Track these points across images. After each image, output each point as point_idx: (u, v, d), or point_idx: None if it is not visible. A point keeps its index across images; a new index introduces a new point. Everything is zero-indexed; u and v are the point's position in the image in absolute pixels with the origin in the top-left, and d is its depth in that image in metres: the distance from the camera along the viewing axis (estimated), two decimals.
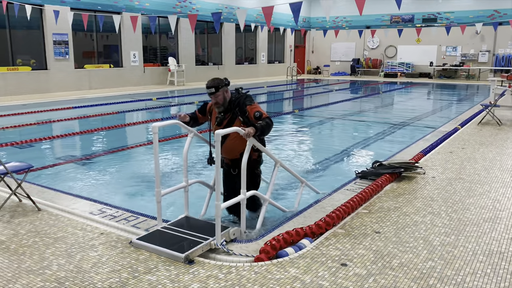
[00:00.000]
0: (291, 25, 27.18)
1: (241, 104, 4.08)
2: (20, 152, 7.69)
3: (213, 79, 4.11)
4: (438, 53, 27.13)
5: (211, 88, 4.02)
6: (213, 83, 4.05)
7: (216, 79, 4.10)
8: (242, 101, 4.09)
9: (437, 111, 14.17)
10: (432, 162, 6.37)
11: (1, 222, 4.14)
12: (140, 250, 3.52)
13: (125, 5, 17.99)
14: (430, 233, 3.85)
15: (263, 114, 4.01)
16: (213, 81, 4.07)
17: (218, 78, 4.12)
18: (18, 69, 14.99)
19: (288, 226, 3.98)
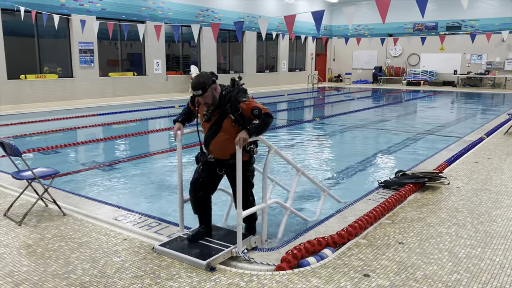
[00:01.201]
0: (312, 33, 27.18)
1: (233, 100, 3.54)
2: (46, 158, 7.87)
3: (198, 77, 3.53)
4: (462, 61, 26.68)
5: (198, 91, 3.48)
6: (199, 83, 3.48)
7: (201, 76, 3.52)
8: (234, 97, 3.54)
9: (461, 120, 13.91)
10: (456, 172, 6.25)
11: (28, 226, 4.24)
12: (162, 257, 3.56)
13: (149, 14, 18.32)
14: (455, 245, 3.77)
15: (262, 110, 3.56)
16: (199, 80, 3.49)
17: (204, 74, 3.55)
18: (45, 76, 15.39)
19: (310, 236, 3.95)
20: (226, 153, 3.69)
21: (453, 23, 26.50)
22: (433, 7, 25.92)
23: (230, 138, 3.56)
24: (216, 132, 3.64)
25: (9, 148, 4.44)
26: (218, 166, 3.79)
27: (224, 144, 3.64)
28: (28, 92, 14.79)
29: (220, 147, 3.67)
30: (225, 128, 3.60)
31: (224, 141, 3.63)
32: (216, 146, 3.69)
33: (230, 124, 3.57)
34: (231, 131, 3.57)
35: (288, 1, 26.19)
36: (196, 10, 20.46)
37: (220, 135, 3.63)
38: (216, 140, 3.66)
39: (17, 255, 3.62)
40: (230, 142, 3.56)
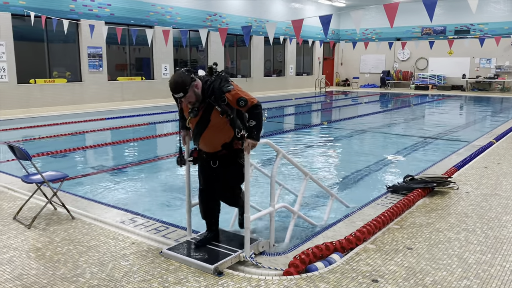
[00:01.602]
0: (320, 37, 27.17)
1: (217, 90, 3.36)
2: (55, 162, 7.93)
3: (175, 77, 3.32)
4: (471, 65, 26.52)
5: (179, 93, 3.31)
6: (179, 85, 3.29)
7: (179, 77, 3.31)
8: (218, 87, 3.37)
9: (470, 124, 13.82)
10: (465, 177, 6.20)
11: (37, 229, 4.27)
12: (170, 261, 3.56)
13: (157, 19, 18.43)
14: (464, 250, 3.73)
15: (249, 101, 3.39)
16: (177, 81, 3.30)
17: (181, 74, 3.34)
18: (55, 81, 15.52)
19: (318, 240, 3.94)
20: (217, 145, 3.57)
21: (461, 27, 26.38)
22: (441, 11, 25.82)
23: (221, 129, 3.50)
24: (205, 126, 3.50)
25: (19, 152, 4.48)
26: (211, 160, 3.66)
27: (215, 137, 3.54)
28: (37, 96, 14.93)
29: (211, 140, 3.55)
30: (214, 120, 3.47)
31: (215, 133, 3.52)
32: (206, 140, 3.56)
33: (218, 116, 3.44)
34: (220, 122, 3.47)
35: (296, 5, 26.23)
36: (204, 15, 20.56)
37: (210, 128, 3.50)
38: (206, 133, 3.53)
39: (26, 258, 3.64)
40: (221, 133, 3.52)
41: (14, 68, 14.21)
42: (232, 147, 3.58)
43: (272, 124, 13.33)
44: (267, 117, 14.44)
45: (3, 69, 13.93)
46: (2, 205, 4.99)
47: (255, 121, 3.45)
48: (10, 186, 5.68)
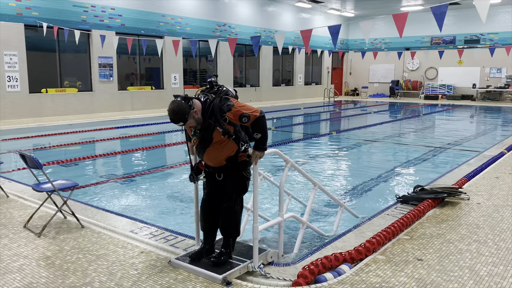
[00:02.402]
0: (328, 47, 27.22)
1: (217, 111, 3.33)
2: (65, 170, 8.00)
3: (173, 108, 3.24)
4: (481, 75, 26.35)
5: (179, 123, 3.29)
6: (178, 115, 3.25)
7: (177, 107, 3.24)
8: (218, 107, 3.33)
9: (481, 134, 13.69)
10: (476, 187, 6.13)
11: (47, 238, 4.29)
12: (178, 270, 3.56)
13: (167, 29, 18.62)
14: (476, 262, 3.68)
15: (251, 116, 3.37)
16: (176, 112, 3.24)
17: (178, 103, 3.25)
18: (66, 90, 15.70)
19: (327, 251, 3.91)
20: (222, 160, 3.54)
21: (471, 36, 26.28)
22: (451, 21, 25.76)
23: (224, 146, 3.47)
24: (208, 144, 3.49)
25: (30, 161, 4.53)
26: (216, 173, 3.64)
27: (219, 153, 3.50)
28: (48, 106, 15.11)
29: (215, 156, 3.52)
30: (216, 139, 3.45)
31: (218, 150, 3.49)
32: (210, 156, 3.54)
33: (220, 136, 3.42)
34: (223, 139, 3.45)
35: (305, 15, 26.35)
36: (213, 25, 20.72)
37: (213, 146, 3.48)
38: (210, 150, 3.50)
39: (36, 266, 3.66)
40: (224, 149, 3.48)
41: (26, 78, 14.41)
42: (236, 160, 3.54)
43: (280, 133, 13.34)
44: (276, 127, 14.45)
45: (15, 78, 14.14)
46: (13, 213, 5.03)
47: (261, 133, 3.47)
48: (21, 195, 5.74)
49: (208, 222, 3.72)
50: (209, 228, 3.74)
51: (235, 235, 3.67)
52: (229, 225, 3.63)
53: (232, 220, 3.63)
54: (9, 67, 13.98)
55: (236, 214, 3.67)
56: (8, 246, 4.10)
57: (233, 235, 3.66)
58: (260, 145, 3.50)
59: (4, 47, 13.80)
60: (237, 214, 3.68)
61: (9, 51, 13.93)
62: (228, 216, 3.62)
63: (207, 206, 3.73)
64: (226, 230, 3.64)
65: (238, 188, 3.63)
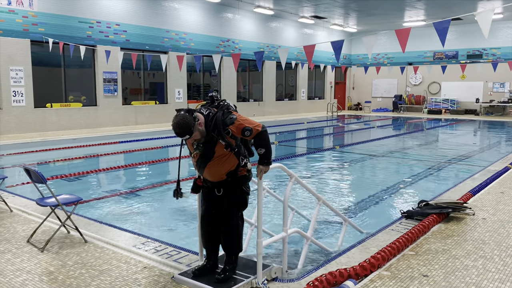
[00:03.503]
0: (331, 62, 27.38)
1: (220, 124, 3.33)
2: (69, 185, 8.01)
3: (178, 121, 3.22)
4: (484, 90, 26.39)
5: (185, 136, 3.27)
6: (184, 128, 3.23)
7: (183, 119, 3.22)
8: (221, 121, 3.33)
9: (485, 149, 13.65)
10: (481, 202, 6.09)
11: (50, 253, 4.28)
12: (181, 286, 3.53)
13: (171, 45, 18.80)
14: (482, 278, 3.64)
15: (254, 130, 3.36)
16: (181, 125, 3.22)
17: (183, 116, 3.24)
18: (70, 105, 15.81)
19: (331, 267, 3.88)
20: (222, 174, 3.50)
21: (473, 51, 26.39)
22: (453, 36, 25.91)
23: (225, 160, 3.45)
24: (209, 158, 3.44)
25: (35, 175, 4.54)
26: (216, 188, 3.58)
27: (220, 167, 3.47)
28: (53, 120, 15.20)
29: (216, 171, 3.49)
30: (218, 152, 3.42)
31: (219, 164, 3.46)
32: (211, 170, 3.50)
33: (222, 148, 3.39)
34: (225, 153, 3.43)
35: (307, 31, 26.56)
36: (217, 41, 20.91)
37: (214, 160, 3.44)
38: (211, 164, 3.47)
39: (39, 281, 3.64)
40: (225, 163, 3.46)
41: (32, 93, 14.54)
42: (237, 174, 3.51)
43: (284, 148, 13.34)
44: (279, 141, 14.46)
45: (21, 93, 14.26)
46: (16, 228, 5.03)
47: (264, 148, 3.45)
48: (24, 209, 5.74)
49: (209, 239, 3.69)
50: (211, 244, 3.70)
51: (237, 251, 3.64)
52: (231, 241, 3.59)
53: (234, 236, 3.60)
54: (15, 82, 14.12)
55: (238, 230, 3.62)
56: (11, 261, 4.08)
57: (236, 251, 3.63)
58: (265, 160, 3.49)
59: (10, 62, 13.95)
60: (239, 230, 3.64)
61: (15, 66, 14.08)
62: (229, 232, 3.59)
63: (206, 222, 3.70)
64: (228, 247, 3.61)
65: (238, 203, 3.60)
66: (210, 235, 3.68)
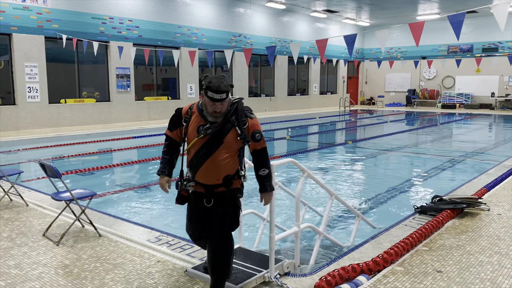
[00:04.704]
0: (344, 56, 27.20)
1: (240, 111, 3.09)
2: (83, 179, 8.10)
3: (220, 79, 2.96)
4: (500, 83, 25.97)
5: (223, 94, 2.93)
6: (225, 86, 2.94)
7: (224, 79, 2.97)
8: (241, 109, 3.10)
9: (500, 144, 13.45)
10: (497, 198, 6.01)
11: (65, 246, 4.34)
12: (195, 280, 3.55)
13: (183, 40, 18.84)
14: (497, 274, 3.60)
15: (262, 140, 3.17)
16: (223, 83, 2.93)
17: (223, 77, 3.01)
18: (84, 101, 15.97)
19: (344, 262, 3.87)
20: (220, 176, 3.11)
21: (489, 44, 25.97)
22: (469, 29, 25.52)
23: (230, 156, 3.10)
24: (215, 148, 3.06)
25: (50, 170, 4.60)
26: (205, 198, 3.16)
27: (222, 162, 3.08)
28: (67, 116, 15.38)
29: (217, 167, 3.09)
30: (227, 143, 3.07)
31: (223, 158, 3.08)
32: (211, 165, 3.08)
33: (234, 139, 3.07)
34: (232, 147, 3.10)
35: (320, 25, 26.40)
36: (229, 36, 20.90)
37: (219, 152, 3.06)
38: (214, 157, 3.06)
39: (54, 274, 3.70)
40: (228, 160, 3.10)
41: (46, 89, 14.72)
42: (231, 183, 3.15)
43: (296, 143, 13.31)
44: (291, 136, 14.43)
45: (35, 89, 14.45)
46: (32, 222, 5.11)
47: (268, 169, 3.20)
48: (40, 203, 5.82)
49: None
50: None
51: (229, 276, 3.23)
52: (224, 265, 3.14)
53: (228, 260, 3.16)
54: (30, 78, 14.30)
55: (232, 253, 3.21)
56: (27, 254, 4.15)
57: (228, 276, 3.22)
58: (269, 184, 3.21)
59: (25, 58, 14.13)
60: (232, 253, 3.22)
61: (30, 63, 14.26)
62: (223, 257, 3.13)
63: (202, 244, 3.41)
64: (221, 272, 3.14)
65: (230, 220, 3.19)
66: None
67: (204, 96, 3.00)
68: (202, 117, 3.10)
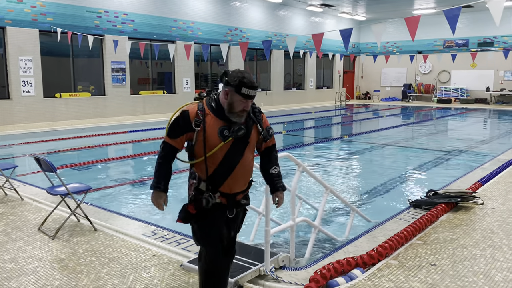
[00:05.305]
0: (340, 50, 27.17)
1: (255, 107, 2.82)
2: (78, 174, 8.08)
3: (247, 73, 2.67)
4: (495, 78, 26.05)
5: (256, 90, 2.67)
6: (255, 83, 2.67)
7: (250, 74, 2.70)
8: (254, 104, 2.82)
9: (495, 138, 13.52)
10: (491, 192, 6.05)
11: (61, 240, 4.34)
12: (190, 273, 3.57)
13: (179, 34, 18.76)
14: (491, 267, 3.63)
15: (273, 137, 2.97)
16: (253, 78, 2.68)
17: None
18: (79, 95, 15.89)
19: (339, 255, 3.89)
20: (247, 181, 2.85)
21: (484, 39, 26.01)
22: (464, 24, 25.54)
23: (252, 157, 2.84)
24: (242, 152, 2.74)
25: (45, 164, 4.59)
26: (232, 207, 2.81)
27: (249, 166, 2.82)
28: (62, 110, 15.30)
29: (246, 172, 2.80)
30: (251, 142, 2.81)
31: (249, 161, 2.81)
32: (242, 171, 2.76)
33: (256, 137, 2.82)
34: (254, 146, 2.86)
35: (316, 19, 26.34)
36: (224, 30, 20.82)
37: (246, 155, 2.77)
38: (242, 162, 2.75)
39: (50, 269, 3.70)
40: (252, 162, 2.85)
41: (41, 83, 14.62)
42: (249, 188, 2.92)
43: (292, 137, 13.32)
44: (287, 131, 14.44)
45: (30, 83, 14.36)
46: (27, 216, 5.10)
47: (278, 167, 2.97)
48: (35, 198, 5.81)
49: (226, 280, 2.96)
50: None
51: None
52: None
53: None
54: (24, 72, 14.20)
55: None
56: (23, 248, 4.15)
57: None
58: (281, 182, 2.96)
59: (19, 52, 14.02)
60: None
61: (24, 56, 14.15)
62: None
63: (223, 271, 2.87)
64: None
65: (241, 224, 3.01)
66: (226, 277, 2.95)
67: (234, 94, 2.61)
68: (221, 118, 2.68)
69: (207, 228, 2.77)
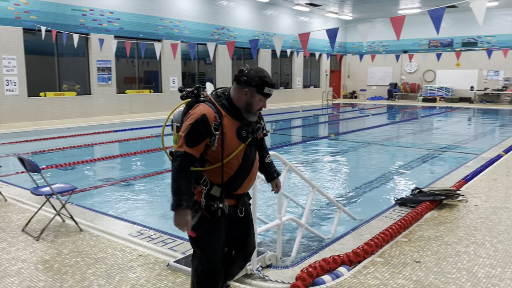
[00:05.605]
0: (326, 50, 27.29)
1: None
2: (64, 174, 7.99)
3: (265, 71, 2.65)
4: (479, 77, 26.44)
5: (273, 89, 2.63)
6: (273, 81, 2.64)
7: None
8: None
9: (479, 136, 13.73)
10: (474, 189, 6.15)
11: (45, 241, 4.29)
12: (177, 273, 3.56)
13: (165, 33, 18.65)
14: (473, 264, 3.70)
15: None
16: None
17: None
18: (64, 94, 15.70)
19: (325, 253, 3.92)
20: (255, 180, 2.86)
21: (468, 39, 26.38)
22: (449, 24, 25.86)
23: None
24: (255, 151, 2.74)
25: (29, 164, 4.53)
26: (242, 206, 2.77)
27: (257, 165, 2.79)
28: (47, 109, 15.10)
29: (255, 172, 2.78)
30: (259, 140, 2.84)
31: (257, 160, 2.80)
32: (254, 172, 2.73)
33: (261, 134, 2.83)
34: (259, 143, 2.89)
35: (303, 19, 26.42)
36: (211, 29, 20.76)
37: (257, 154, 2.80)
38: (256, 161, 2.75)
39: (34, 270, 3.66)
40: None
41: (25, 81, 14.41)
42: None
43: (279, 136, 13.35)
44: (274, 130, 14.47)
45: (14, 82, 14.14)
46: (11, 217, 5.03)
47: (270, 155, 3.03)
48: (19, 198, 5.73)
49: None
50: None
51: None
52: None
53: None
54: (8, 71, 13.98)
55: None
56: (6, 249, 4.10)
57: None
58: (276, 170, 3.03)
59: (2, 50, 13.80)
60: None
61: (8, 55, 13.94)
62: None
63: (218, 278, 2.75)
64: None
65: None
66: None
67: (256, 94, 2.55)
68: (236, 119, 2.59)
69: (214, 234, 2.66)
